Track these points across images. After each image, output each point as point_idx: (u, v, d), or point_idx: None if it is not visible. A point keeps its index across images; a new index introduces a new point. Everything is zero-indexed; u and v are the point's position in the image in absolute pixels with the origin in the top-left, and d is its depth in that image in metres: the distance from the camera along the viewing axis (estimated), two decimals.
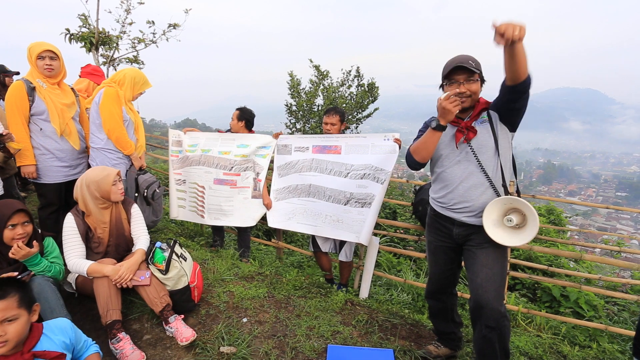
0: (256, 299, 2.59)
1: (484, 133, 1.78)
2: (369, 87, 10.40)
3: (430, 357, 2.15)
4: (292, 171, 3.34)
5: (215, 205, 3.58)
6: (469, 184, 1.81)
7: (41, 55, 2.57)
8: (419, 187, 3.15)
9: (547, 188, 72.98)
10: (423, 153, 1.85)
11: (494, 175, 1.78)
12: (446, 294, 2.10)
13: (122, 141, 2.80)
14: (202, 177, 3.58)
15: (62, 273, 2.12)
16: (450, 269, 2.03)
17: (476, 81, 1.75)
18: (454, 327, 2.16)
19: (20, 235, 1.91)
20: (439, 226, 1.97)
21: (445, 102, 1.66)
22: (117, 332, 1.94)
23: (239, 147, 3.49)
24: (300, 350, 2.13)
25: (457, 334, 2.17)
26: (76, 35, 5.96)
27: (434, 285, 2.10)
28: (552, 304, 3.71)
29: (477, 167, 1.79)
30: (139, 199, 2.95)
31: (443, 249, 1.99)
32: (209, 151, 3.55)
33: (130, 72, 2.92)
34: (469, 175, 1.81)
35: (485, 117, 1.81)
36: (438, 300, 2.12)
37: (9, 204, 1.93)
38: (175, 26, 6.64)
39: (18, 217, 1.91)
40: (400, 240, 5.49)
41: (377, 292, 3.27)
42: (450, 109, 1.66)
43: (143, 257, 2.23)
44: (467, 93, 1.75)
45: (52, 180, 2.70)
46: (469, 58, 1.74)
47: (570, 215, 7.51)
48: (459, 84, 1.76)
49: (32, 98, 2.57)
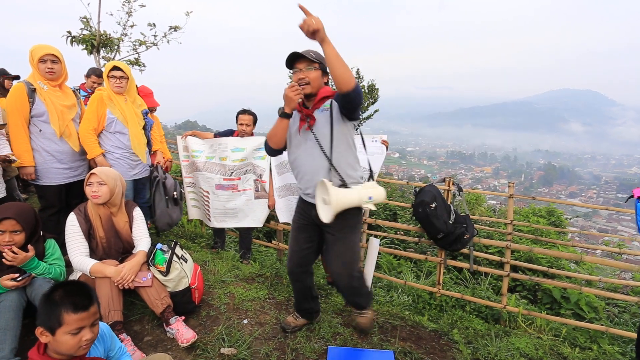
0: (257, 301, 2.59)
1: (322, 121, 1.93)
2: (369, 89, 10.44)
3: (289, 329, 2.29)
4: (286, 170, 3.36)
5: (219, 209, 3.61)
6: (313, 169, 1.97)
7: (43, 58, 2.58)
8: (419, 189, 3.15)
9: (547, 189, 72.88)
10: (274, 139, 2.04)
11: (336, 161, 1.92)
12: (305, 273, 2.23)
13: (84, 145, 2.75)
14: (206, 183, 3.62)
15: (63, 275, 2.12)
16: (308, 248, 2.16)
17: (315, 69, 1.91)
18: (312, 302, 2.34)
19: (7, 243, 1.84)
20: (304, 207, 2.12)
21: (288, 90, 1.85)
22: (119, 333, 1.94)
23: (234, 151, 3.51)
24: (301, 351, 2.13)
25: (314, 308, 2.37)
26: (78, 38, 5.98)
27: (292, 262, 2.20)
28: (553, 306, 3.70)
29: (320, 152, 1.93)
30: (169, 201, 3.12)
31: (304, 228, 2.15)
32: (212, 158, 3.59)
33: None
34: (312, 161, 1.97)
35: (328, 107, 1.95)
36: (298, 281, 2.24)
37: (2, 210, 1.87)
38: (177, 28, 6.66)
39: (7, 224, 1.84)
40: (400, 242, 5.49)
41: (378, 294, 3.27)
42: (292, 97, 1.83)
43: (144, 258, 2.23)
44: (306, 80, 1.90)
45: (52, 182, 2.70)
46: (311, 50, 1.93)
47: (571, 217, 7.51)
48: (299, 71, 1.92)
49: (33, 100, 2.58)
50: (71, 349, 1.26)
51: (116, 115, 2.76)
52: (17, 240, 1.88)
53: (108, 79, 2.77)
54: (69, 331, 1.25)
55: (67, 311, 1.24)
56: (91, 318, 1.30)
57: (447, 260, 3.26)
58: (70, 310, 1.24)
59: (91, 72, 4.50)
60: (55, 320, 1.24)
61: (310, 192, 2.01)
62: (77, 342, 1.26)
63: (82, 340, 1.27)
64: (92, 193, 2.20)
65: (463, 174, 78.06)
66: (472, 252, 3.19)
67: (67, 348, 1.26)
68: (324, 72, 1.96)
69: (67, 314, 1.24)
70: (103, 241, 2.28)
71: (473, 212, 6.74)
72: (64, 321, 1.24)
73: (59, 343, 1.25)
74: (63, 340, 1.25)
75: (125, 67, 2.79)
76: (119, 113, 2.78)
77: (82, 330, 1.27)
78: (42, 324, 1.26)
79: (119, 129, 2.80)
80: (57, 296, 1.26)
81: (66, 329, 1.24)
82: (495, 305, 3.11)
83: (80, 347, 1.28)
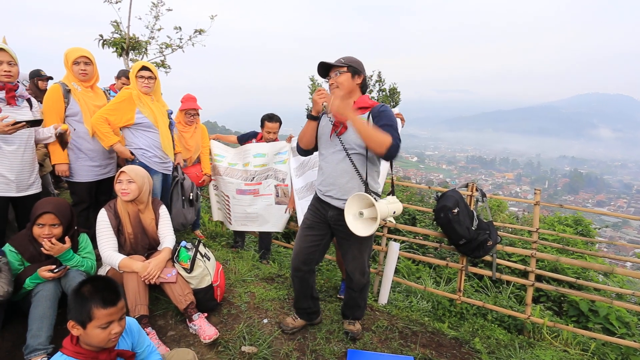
0: (276, 301, 2.62)
1: (354, 132, 1.95)
2: (391, 92, 10.37)
3: (288, 330, 2.30)
4: (306, 169, 3.37)
5: (239, 213, 3.67)
6: (337, 173, 2.05)
7: (76, 60, 2.69)
8: (441, 194, 3.11)
9: (573, 197, 70.03)
10: (304, 140, 2.15)
11: (361, 167, 2.01)
12: (310, 271, 2.26)
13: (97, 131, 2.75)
14: (227, 187, 3.69)
15: (94, 268, 2.21)
16: (317, 246, 2.21)
17: (344, 73, 1.99)
18: (311, 303, 2.36)
19: (46, 236, 1.97)
20: (320, 207, 2.19)
21: (315, 95, 1.95)
22: (144, 326, 2.00)
23: (256, 156, 3.55)
24: (320, 353, 2.13)
25: (313, 309, 2.38)
26: (109, 41, 6.24)
27: (299, 260, 2.22)
28: (580, 319, 3.55)
29: (347, 161, 2.02)
30: (185, 202, 3.18)
31: (316, 227, 2.20)
32: (236, 165, 3.65)
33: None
34: (336, 165, 2.05)
35: (364, 119, 1.98)
36: (301, 279, 2.26)
37: (42, 204, 2.00)
38: (201, 32, 6.84)
39: (46, 218, 1.97)
40: (419, 247, 5.41)
41: (397, 299, 3.24)
42: (317, 100, 1.92)
43: (169, 255, 2.30)
44: (335, 84, 2.01)
45: (84, 179, 2.81)
46: (342, 57, 2.03)
47: (600, 227, 7.20)
48: (330, 78, 2.03)
49: (67, 100, 2.69)
50: (101, 341, 1.32)
51: (145, 114, 2.84)
52: (56, 233, 2.00)
53: (136, 79, 2.82)
54: (99, 325, 1.30)
55: (97, 306, 1.30)
56: (119, 312, 1.36)
57: (468, 267, 3.19)
58: (99, 305, 1.30)
59: (121, 74, 4.68)
60: (86, 315, 1.30)
61: (332, 194, 2.08)
62: (107, 335, 1.32)
63: (111, 333, 1.33)
64: (121, 190, 2.28)
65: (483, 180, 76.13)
66: (495, 259, 3.11)
67: (97, 341, 1.32)
68: (354, 73, 2.01)
69: (97, 309, 1.30)
70: (131, 237, 2.36)
71: (495, 218, 6.56)
72: (94, 316, 1.30)
73: (90, 336, 1.31)
74: (94, 334, 1.31)
75: (153, 68, 2.87)
76: (149, 113, 2.86)
77: (111, 324, 1.33)
78: (73, 318, 1.32)
79: (149, 127, 2.88)
80: (86, 292, 1.32)
81: (96, 323, 1.30)
82: (519, 315, 3.02)
83: (110, 340, 1.34)
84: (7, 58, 2.21)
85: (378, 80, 10.46)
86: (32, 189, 2.40)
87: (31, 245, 2.00)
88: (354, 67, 1.99)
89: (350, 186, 2.03)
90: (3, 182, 2.23)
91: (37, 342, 1.76)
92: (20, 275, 1.93)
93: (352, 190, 2.01)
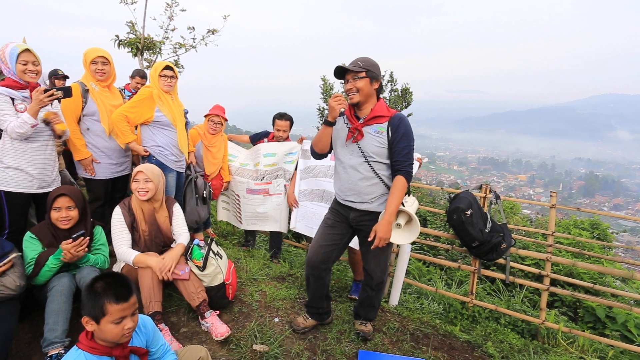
0: (287, 300, 2.63)
1: (373, 141, 2.01)
2: (403, 92, 10.28)
3: (299, 329, 2.30)
4: (309, 175, 3.39)
5: (250, 212, 3.70)
6: (355, 178, 2.06)
7: (94, 60, 2.75)
8: (454, 195, 3.07)
9: (589, 200, 68.35)
10: (320, 145, 2.14)
11: (381, 172, 2.04)
12: (327, 270, 2.28)
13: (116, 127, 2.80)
14: (238, 187, 3.72)
15: (107, 262, 2.25)
16: (336, 245, 2.23)
17: (362, 78, 1.97)
18: (325, 302, 2.37)
19: (64, 218, 2.05)
20: (340, 209, 2.21)
21: (332, 100, 1.94)
22: (158, 322, 2.03)
23: (266, 156, 3.57)
24: (331, 353, 2.13)
25: (325, 308, 2.39)
26: (124, 41, 6.34)
27: (318, 258, 2.22)
28: (596, 325, 3.47)
29: (364, 163, 2.03)
30: (199, 200, 3.24)
31: (338, 226, 2.22)
32: (247, 165, 3.68)
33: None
34: (354, 171, 2.06)
35: (383, 130, 2.01)
36: (318, 277, 2.26)
37: (56, 190, 2.11)
38: (214, 32, 6.90)
39: (62, 201, 2.05)
40: (430, 249, 5.36)
41: (407, 300, 3.21)
42: (334, 107, 1.92)
43: (183, 250, 2.33)
44: (353, 89, 1.98)
45: (101, 176, 2.87)
46: (359, 59, 2.00)
47: (617, 231, 7.01)
48: (348, 82, 2.00)
49: (85, 99, 2.75)
50: (115, 336, 1.35)
51: (164, 113, 2.89)
52: (72, 215, 2.09)
53: (159, 78, 2.86)
54: (113, 320, 1.33)
55: (110, 302, 1.33)
56: (131, 308, 1.38)
57: (481, 269, 3.14)
58: (112, 301, 1.33)
59: (135, 73, 4.76)
60: (99, 311, 1.32)
61: (353, 199, 2.10)
62: (120, 330, 1.35)
63: (125, 328, 1.36)
64: (139, 189, 2.32)
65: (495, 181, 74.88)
66: (508, 262, 3.06)
67: (111, 336, 1.35)
68: (372, 78, 1.99)
69: (109, 305, 1.32)
70: (145, 234, 2.39)
71: (508, 221, 6.45)
72: (107, 311, 1.32)
73: (104, 331, 1.34)
74: (107, 329, 1.34)
75: (175, 68, 2.93)
76: (168, 112, 2.90)
77: (124, 320, 1.36)
78: (87, 313, 1.35)
79: (167, 126, 2.93)
80: (99, 288, 1.35)
81: (110, 318, 1.33)
82: (533, 320, 2.96)
83: (123, 335, 1.37)
84: (31, 58, 2.27)
85: (390, 81, 10.38)
86: (53, 186, 2.46)
87: (49, 232, 2.07)
88: (372, 72, 1.98)
89: (369, 190, 2.05)
90: (26, 178, 2.29)
91: (54, 335, 1.81)
92: (38, 260, 1.97)
93: (371, 194, 2.04)
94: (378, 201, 2.08)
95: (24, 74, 2.25)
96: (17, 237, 2.24)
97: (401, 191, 1.94)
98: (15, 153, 2.25)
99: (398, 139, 1.97)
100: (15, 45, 2.25)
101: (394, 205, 1.93)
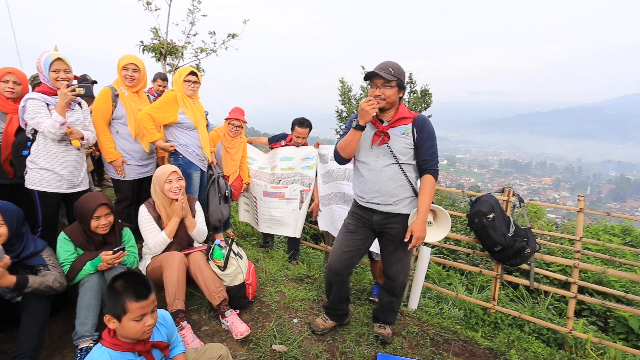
0: (306, 301, 2.64)
1: (399, 142, 2.03)
2: (422, 94, 10.17)
3: (318, 331, 2.30)
4: (330, 179, 3.41)
5: (266, 215, 3.75)
6: (383, 180, 2.05)
7: (126, 66, 2.87)
8: (476, 198, 3.01)
9: (619, 205, 65.12)
10: (347, 150, 2.08)
11: (409, 171, 2.05)
12: (350, 274, 2.29)
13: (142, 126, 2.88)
14: (255, 189, 3.79)
15: (136, 262, 2.34)
16: (358, 250, 2.22)
17: (392, 87, 1.96)
18: (345, 304, 2.38)
19: (104, 226, 2.16)
20: (362, 213, 2.19)
21: (364, 104, 1.89)
22: (181, 320, 2.09)
23: (283, 160, 3.61)
24: (350, 355, 2.13)
25: (345, 310, 2.40)
26: (148, 47, 6.56)
27: (340, 264, 2.21)
28: (629, 337, 3.30)
29: (392, 165, 2.03)
30: (221, 199, 3.33)
31: (360, 231, 2.21)
32: (265, 169, 3.74)
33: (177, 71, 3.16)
34: (381, 172, 2.05)
35: (408, 131, 2.03)
36: (340, 282, 2.25)
37: (95, 197, 2.18)
38: (234, 36, 7.04)
39: (101, 210, 2.15)
40: (450, 252, 5.26)
41: (427, 305, 3.16)
42: (368, 110, 1.88)
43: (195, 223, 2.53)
44: (382, 96, 1.98)
45: (128, 177, 2.99)
46: (390, 65, 1.97)
47: None
48: (377, 87, 1.98)
49: (115, 103, 2.87)
50: (136, 333, 1.40)
51: (187, 116, 2.99)
52: (110, 220, 2.21)
53: (183, 83, 2.97)
54: (134, 318, 1.38)
55: (130, 300, 1.37)
56: (151, 305, 1.43)
57: (504, 275, 3.06)
58: (132, 299, 1.38)
59: (157, 77, 4.90)
60: (121, 309, 1.37)
61: (378, 201, 2.10)
62: (141, 327, 1.40)
63: (145, 325, 1.40)
64: (173, 189, 2.42)
65: (518, 184, 72.53)
66: (532, 268, 2.97)
67: (132, 333, 1.40)
68: (400, 87, 2.03)
69: (130, 303, 1.37)
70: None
71: (532, 225, 6.25)
72: (128, 309, 1.37)
73: (125, 329, 1.39)
74: (129, 326, 1.38)
75: (198, 74, 3.04)
76: (191, 114, 3.00)
77: (144, 317, 1.40)
78: (109, 312, 1.40)
79: (190, 128, 3.03)
80: (119, 287, 1.40)
81: (131, 316, 1.38)
82: (560, 328, 2.86)
83: (144, 332, 1.41)
84: (63, 66, 2.40)
85: (409, 82, 10.27)
86: (82, 186, 2.57)
87: (83, 235, 2.17)
88: (402, 80, 2.01)
89: (397, 192, 2.06)
90: (56, 179, 2.41)
91: (84, 329, 1.89)
92: (74, 265, 2.08)
93: (397, 196, 2.05)
94: (402, 203, 2.07)
95: (56, 82, 2.38)
96: (49, 235, 2.37)
97: (432, 189, 1.98)
98: (47, 155, 2.38)
99: (424, 138, 2.00)
100: (48, 55, 2.38)
101: (426, 203, 1.96)
